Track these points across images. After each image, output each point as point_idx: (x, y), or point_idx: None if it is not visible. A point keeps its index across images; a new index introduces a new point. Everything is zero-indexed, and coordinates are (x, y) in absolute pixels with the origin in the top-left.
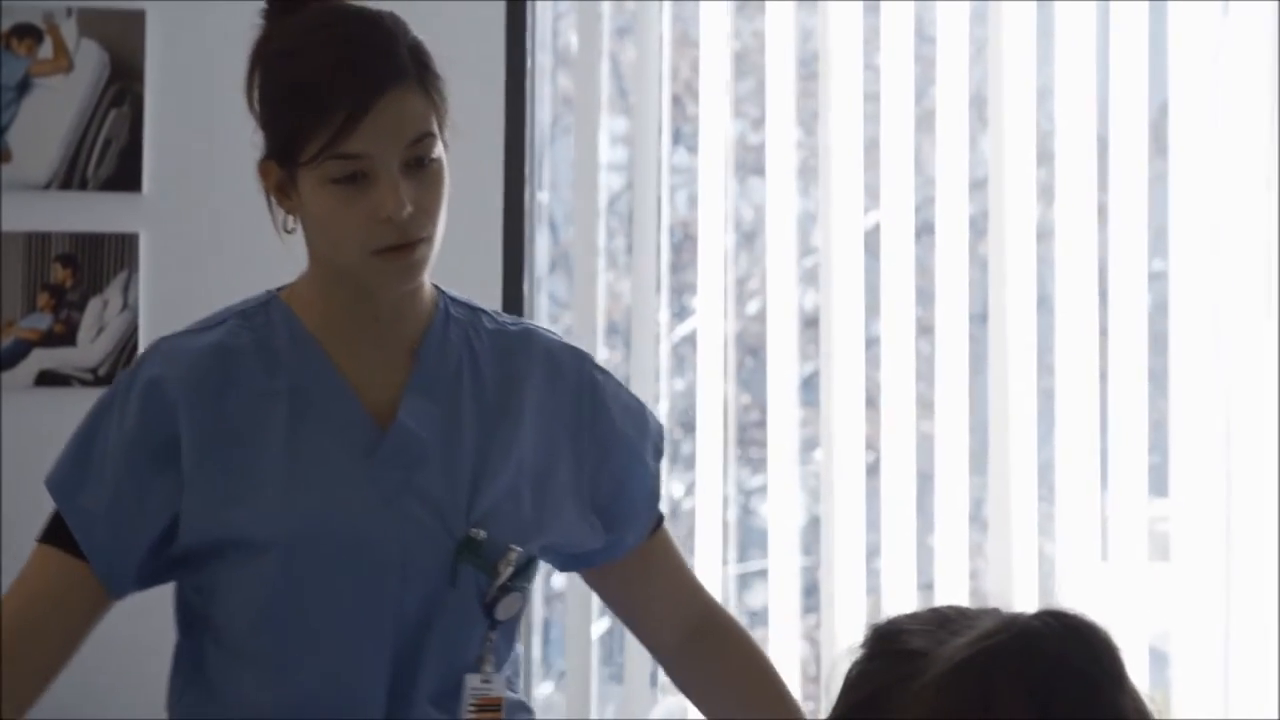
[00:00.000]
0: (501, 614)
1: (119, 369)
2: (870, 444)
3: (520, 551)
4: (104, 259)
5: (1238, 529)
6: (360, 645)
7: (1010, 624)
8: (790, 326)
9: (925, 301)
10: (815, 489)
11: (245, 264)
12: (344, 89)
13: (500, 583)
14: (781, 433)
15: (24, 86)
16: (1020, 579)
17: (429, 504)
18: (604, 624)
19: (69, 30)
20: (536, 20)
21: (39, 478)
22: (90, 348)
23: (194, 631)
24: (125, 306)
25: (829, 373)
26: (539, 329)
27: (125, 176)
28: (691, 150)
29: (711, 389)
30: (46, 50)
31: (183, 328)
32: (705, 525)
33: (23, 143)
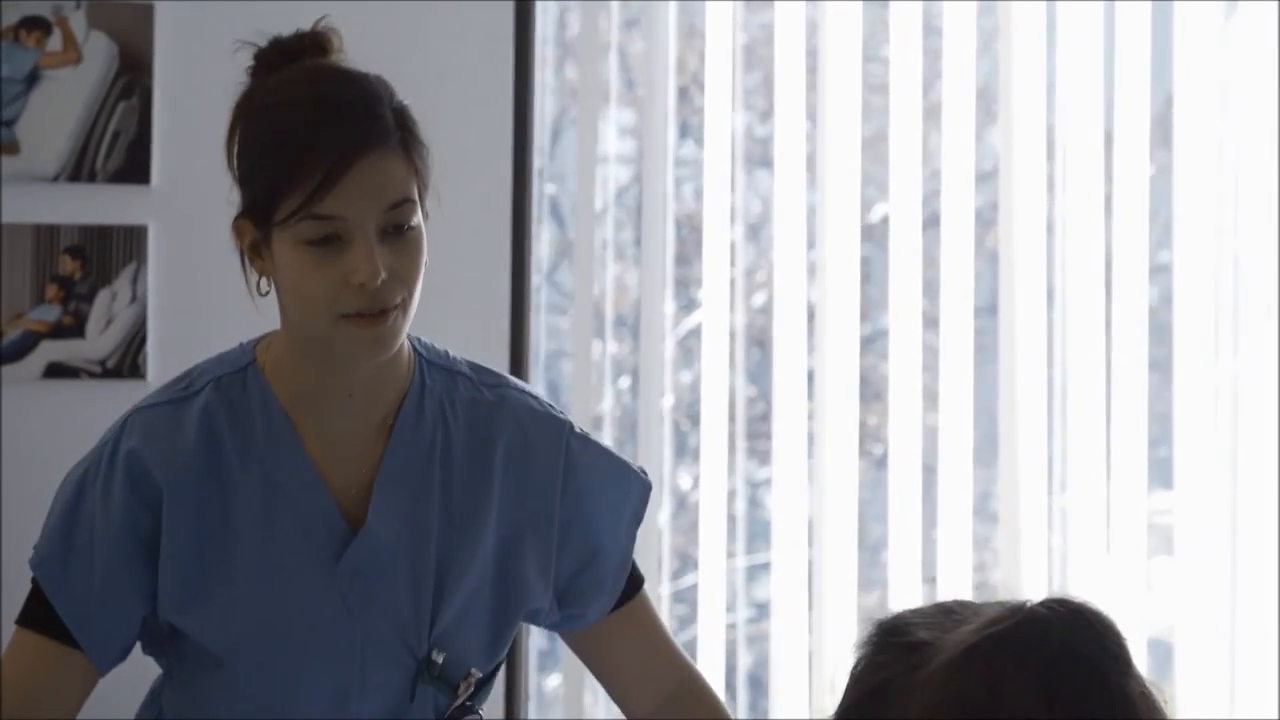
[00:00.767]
0: None
1: (127, 361)
2: (877, 436)
3: (480, 676)
4: (113, 251)
5: (1242, 521)
6: None
7: (1016, 610)
8: (797, 319)
9: (932, 294)
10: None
11: None
12: (323, 147)
13: (459, 703)
14: (787, 425)
15: (33, 79)
16: (1028, 572)
17: (392, 618)
18: None
19: (78, 22)
20: (544, 12)
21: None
22: (99, 340)
23: (165, 689)
24: (134, 298)
25: (823, 366)
26: (517, 395)
27: (134, 169)
28: (699, 143)
29: (717, 381)
30: (55, 42)
31: (159, 389)
32: (711, 518)
33: (31, 135)
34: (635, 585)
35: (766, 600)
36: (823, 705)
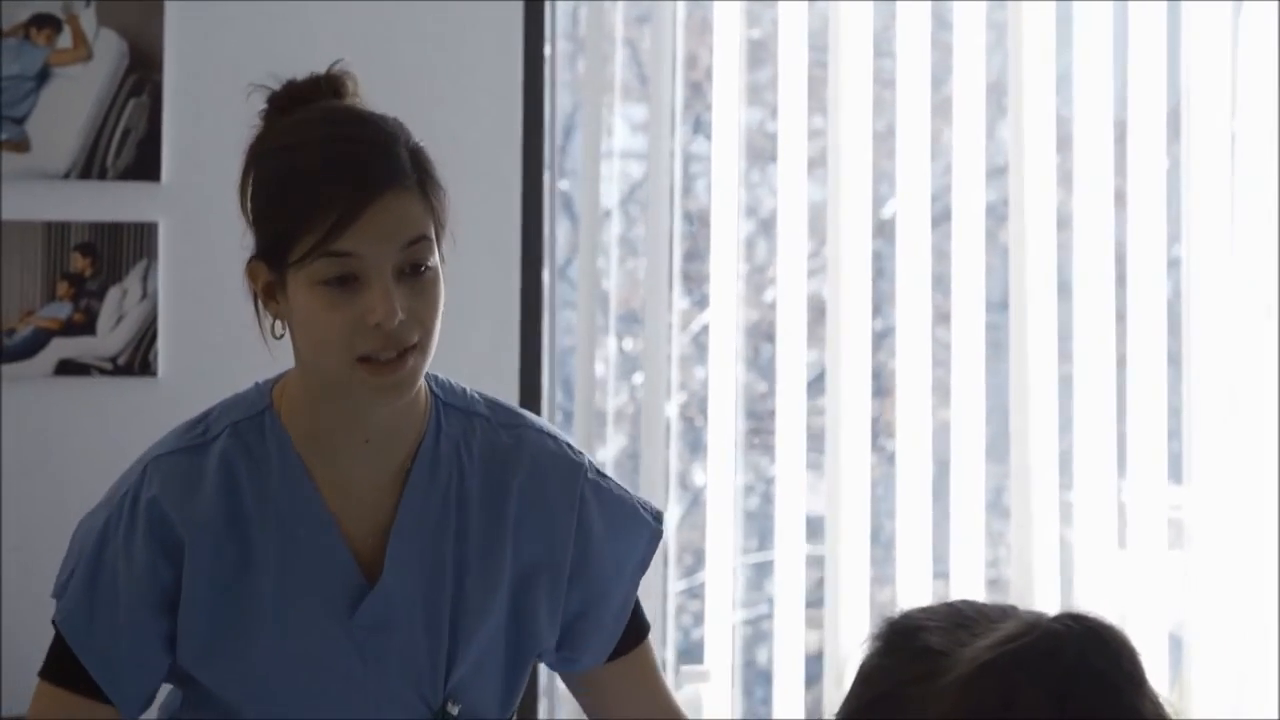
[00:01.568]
0: None
1: (137, 358)
2: (888, 432)
3: None
4: (123, 248)
5: (1255, 516)
6: None
7: (1033, 627)
8: (806, 315)
9: (944, 289)
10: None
11: None
12: (339, 186)
13: None
14: (795, 421)
15: (43, 76)
16: (1040, 567)
17: (407, 670)
18: None
19: (88, 20)
20: (554, 8)
21: (58, 466)
22: (110, 337)
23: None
24: (144, 295)
25: (836, 362)
26: (534, 435)
27: (144, 166)
28: (709, 138)
29: (726, 377)
30: (65, 40)
31: (175, 433)
32: (719, 513)
33: (42, 132)
34: (639, 634)
35: (774, 596)
36: (833, 700)
